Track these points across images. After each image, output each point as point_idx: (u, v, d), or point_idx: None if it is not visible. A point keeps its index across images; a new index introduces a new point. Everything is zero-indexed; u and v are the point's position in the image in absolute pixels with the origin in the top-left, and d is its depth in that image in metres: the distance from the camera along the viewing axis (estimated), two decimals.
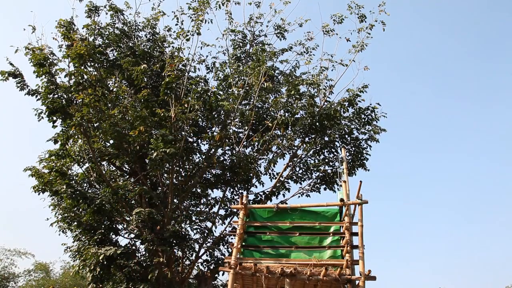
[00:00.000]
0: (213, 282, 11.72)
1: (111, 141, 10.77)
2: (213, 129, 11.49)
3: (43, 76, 9.57)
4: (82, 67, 10.04)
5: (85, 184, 11.60)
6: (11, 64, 10.12)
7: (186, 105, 10.02)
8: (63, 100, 9.60)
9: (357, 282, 5.49)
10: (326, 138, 11.96)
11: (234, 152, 11.64)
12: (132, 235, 10.91)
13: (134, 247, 10.58)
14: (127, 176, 11.85)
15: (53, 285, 10.62)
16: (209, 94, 11.02)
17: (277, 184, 11.88)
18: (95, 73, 10.68)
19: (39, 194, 10.51)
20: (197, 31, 10.88)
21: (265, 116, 12.28)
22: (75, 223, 10.74)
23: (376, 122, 12.00)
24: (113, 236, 10.63)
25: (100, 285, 9.64)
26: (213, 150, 11.13)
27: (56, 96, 9.58)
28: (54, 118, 9.64)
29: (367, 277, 5.40)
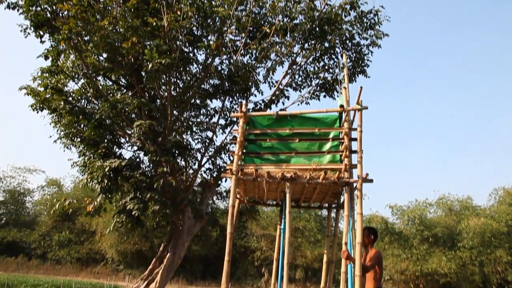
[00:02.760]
0: (216, 189, 12.29)
1: (104, 55, 10.41)
2: (209, 37, 11.01)
3: None
4: None
5: (83, 100, 11.54)
6: None
7: (179, 13, 9.47)
8: (48, 13, 9.06)
9: (354, 184, 5.68)
10: (326, 44, 11.53)
11: (231, 61, 11.32)
12: (135, 148, 11.15)
13: (138, 159, 10.86)
14: (125, 90, 11.70)
15: (66, 198, 11.08)
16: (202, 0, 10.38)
17: (276, 92, 11.79)
18: None
19: (37, 112, 10.51)
20: None
21: (262, 22, 11.70)
22: (78, 138, 10.91)
23: (379, 26, 11.46)
24: (117, 150, 10.87)
25: (109, 195, 10.12)
26: (210, 59, 10.81)
27: (39, 8, 9.01)
28: (41, 33, 9.19)
29: (365, 180, 5.57)
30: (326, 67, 11.92)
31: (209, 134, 12.22)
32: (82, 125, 10.48)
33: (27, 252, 35.64)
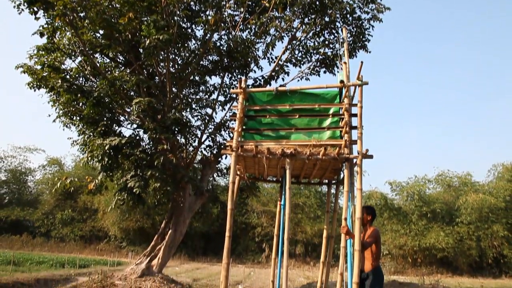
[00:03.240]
0: (216, 166, 12.34)
1: (101, 31, 10.24)
2: (207, 12, 10.80)
3: None
4: None
5: (81, 78, 11.43)
6: None
7: None
8: None
9: (354, 160, 5.67)
10: (327, 19, 11.31)
11: (230, 36, 11.16)
12: (135, 125, 11.11)
13: (138, 137, 10.84)
14: (123, 67, 11.58)
15: (67, 176, 11.12)
16: None
17: (276, 68, 11.67)
18: None
19: (34, 90, 10.42)
20: None
21: None
22: (77, 117, 10.86)
23: (380, 0, 11.23)
24: (116, 128, 10.85)
25: (110, 173, 10.16)
26: (208, 35, 10.64)
27: None
28: (35, 9, 8.98)
29: (365, 155, 5.56)
30: (326, 42, 11.75)
31: (209, 111, 12.17)
32: (80, 103, 10.41)
33: (31, 231, 36.12)
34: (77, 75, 11.14)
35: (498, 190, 28.40)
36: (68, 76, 10.21)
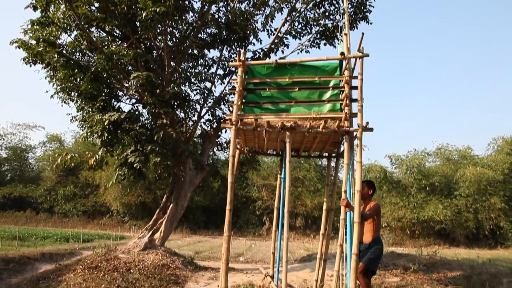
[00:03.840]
0: (216, 140, 12.34)
1: (96, 4, 10.02)
2: None
3: None
4: None
5: (77, 53, 11.25)
6: None
7: None
8: None
9: (354, 133, 5.65)
10: None
11: (229, 8, 10.92)
12: (134, 100, 11.05)
13: (137, 112, 10.79)
14: (119, 42, 11.37)
15: (68, 152, 11.14)
16: None
17: (276, 41, 11.48)
18: None
19: (30, 66, 10.29)
20: None
21: None
22: (75, 93, 10.77)
23: None
24: (115, 103, 10.77)
25: (110, 149, 10.16)
26: (206, 7, 10.41)
27: None
28: None
29: (365, 128, 5.53)
30: (327, 14, 11.50)
31: (208, 84, 12.06)
32: (78, 79, 10.30)
33: (34, 207, 36.56)
34: (73, 50, 10.97)
35: (497, 163, 28.55)
36: (64, 51, 10.04)
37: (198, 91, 11.78)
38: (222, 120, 11.27)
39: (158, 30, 10.15)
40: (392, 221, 29.26)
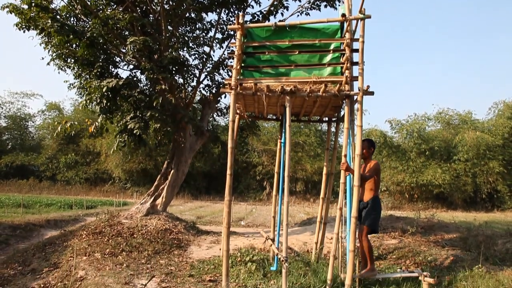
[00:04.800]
0: (216, 105, 12.27)
1: None
2: None
3: None
4: None
5: (72, 18, 10.96)
6: None
7: None
8: None
9: (355, 97, 5.59)
10: None
11: None
12: (131, 66, 10.87)
13: (135, 78, 10.66)
14: (114, 5, 11.05)
15: (67, 120, 11.09)
16: None
17: (275, 3, 11.15)
18: None
19: (24, 32, 10.05)
20: None
21: None
22: (72, 59, 10.58)
23: None
24: (113, 69, 10.62)
25: (110, 116, 10.12)
26: None
27: None
28: None
29: (365, 92, 5.46)
30: None
31: (206, 49, 11.83)
32: (74, 45, 10.09)
33: (37, 175, 36.92)
34: (67, 15, 10.67)
35: (497, 128, 28.55)
36: (58, 16, 9.78)
37: (196, 55, 11.59)
38: (221, 85, 11.14)
39: None
40: (391, 185, 29.63)
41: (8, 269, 6.74)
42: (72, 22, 10.77)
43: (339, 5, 10.99)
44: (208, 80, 11.87)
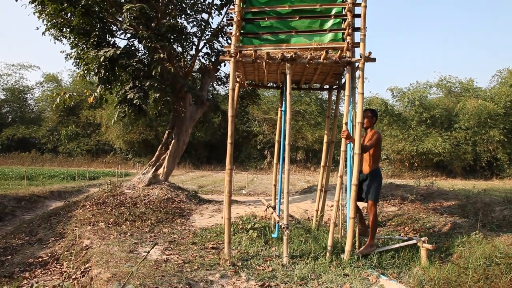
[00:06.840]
0: (216, 74, 12.12)
1: None
2: None
3: None
4: None
5: None
6: None
7: None
8: None
9: (356, 64, 5.49)
10: None
11: None
12: (128, 35, 10.66)
13: (133, 47, 10.46)
14: None
15: (66, 92, 11.00)
16: None
17: None
18: None
19: (16, 0, 9.79)
20: None
21: None
22: (67, 29, 10.36)
23: None
24: (110, 38, 10.42)
25: (109, 86, 10.02)
26: None
27: None
28: None
29: (367, 59, 5.36)
30: None
31: (205, 16, 11.56)
32: (69, 14, 9.86)
33: (38, 147, 37.07)
34: None
35: (500, 96, 28.32)
36: None
37: (194, 23, 11.32)
38: (220, 54, 10.95)
39: None
40: (392, 154, 29.75)
41: (15, 239, 6.87)
42: None
43: None
44: (207, 48, 11.67)
